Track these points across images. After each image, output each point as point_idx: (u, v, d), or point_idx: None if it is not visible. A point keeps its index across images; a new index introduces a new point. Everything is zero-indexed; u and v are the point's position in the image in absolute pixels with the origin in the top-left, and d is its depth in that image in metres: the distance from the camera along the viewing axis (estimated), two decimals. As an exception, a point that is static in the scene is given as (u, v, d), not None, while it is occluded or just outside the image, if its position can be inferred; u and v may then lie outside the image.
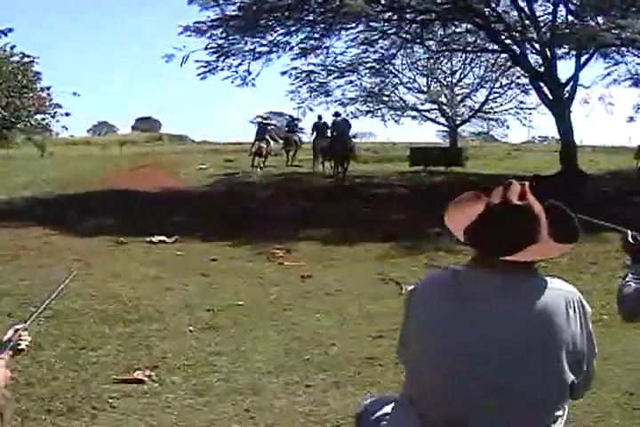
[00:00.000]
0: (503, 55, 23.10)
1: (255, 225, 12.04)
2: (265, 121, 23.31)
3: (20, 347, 2.33)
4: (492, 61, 27.80)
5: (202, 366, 5.13)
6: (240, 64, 18.46)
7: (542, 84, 17.94)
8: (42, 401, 4.42)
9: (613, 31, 14.56)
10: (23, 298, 6.87)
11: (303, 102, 22.15)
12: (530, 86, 24.18)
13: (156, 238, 10.63)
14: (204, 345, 5.64)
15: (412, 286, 2.42)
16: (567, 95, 18.08)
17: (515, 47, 18.23)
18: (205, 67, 18.17)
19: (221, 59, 18.09)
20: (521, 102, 32.05)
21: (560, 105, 17.69)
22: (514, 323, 2.03)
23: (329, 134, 20.45)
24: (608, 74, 21.35)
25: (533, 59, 18.89)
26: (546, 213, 2.13)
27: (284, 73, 20.57)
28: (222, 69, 18.50)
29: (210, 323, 6.31)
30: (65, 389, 4.65)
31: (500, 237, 2.07)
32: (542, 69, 17.99)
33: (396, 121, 31.72)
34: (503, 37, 18.22)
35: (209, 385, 4.74)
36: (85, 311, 6.55)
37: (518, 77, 27.98)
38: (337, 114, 20.60)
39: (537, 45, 17.74)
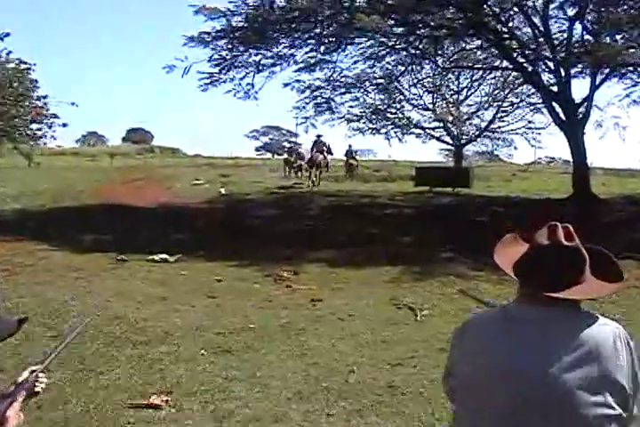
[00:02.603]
0: (514, 73, 23.31)
1: (259, 245, 12.11)
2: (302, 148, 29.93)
3: (36, 389, 2.23)
4: (502, 79, 28.02)
5: (219, 391, 5.17)
6: (244, 77, 18.66)
7: (555, 104, 18.10)
8: (55, 426, 4.45)
9: (632, 50, 14.74)
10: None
11: (307, 119, 22.25)
12: (541, 105, 24.42)
13: (157, 257, 10.70)
14: (219, 370, 5.69)
15: (458, 326, 2.52)
16: (581, 116, 18.22)
17: (527, 65, 18.42)
18: (208, 79, 18.38)
19: (224, 71, 18.27)
20: (529, 122, 32.30)
21: (573, 126, 17.84)
22: (563, 353, 2.13)
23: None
24: (627, 95, 21.40)
25: (546, 77, 19.10)
26: (588, 254, 2.26)
27: (286, 85, 20.74)
28: (225, 82, 18.71)
29: (222, 346, 6.36)
30: (78, 413, 4.69)
31: (550, 275, 2.22)
32: (556, 89, 18.15)
33: (399, 139, 31.79)
34: (515, 55, 18.42)
35: (228, 412, 4.78)
36: (91, 332, 6.55)
37: (529, 96, 28.24)
38: (319, 136, 25.44)
39: (551, 64, 17.92)
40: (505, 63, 20.77)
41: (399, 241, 13.14)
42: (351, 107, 27.28)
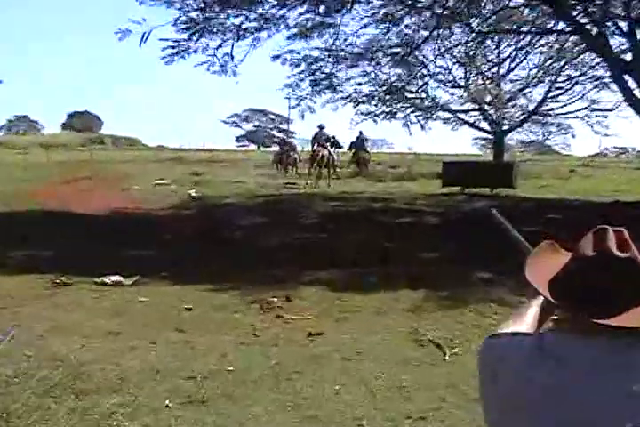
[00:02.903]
0: (573, 38, 23.24)
1: (241, 263, 12.13)
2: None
3: None
4: (557, 46, 27.81)
5: (188, 454, 5.18)
6: (220, 45, 18.65)
7: (628, 78, 18.01)
8: None
9: None
10: None
11: (302, 99, 22.24)
12: (608, 80, 24.33)
13: (109, 279, 10.74)
14: (189, 425, 5.68)
15: (485, 341, 2.46)
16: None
17: (591, 26, 18.31)
18: (173, 48, 18.36)
19: (195, 37, 18.25)
20: (593, 101, 32.18)
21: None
22: (619, 398, 2.10)
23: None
24: None
25: (617, 42, 18.99)
26: None
27: (275, 57, 20.79)
28: (195, 52, 18.69)
29: (193, 395, 6.34)
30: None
31: (598, 295, 2.16)
32: (629, 57, 18.05)
33: (422, 126, 31.63)
34: (575, 13, 18.30)
35: (200, 481, 4.78)
36: (20, 379, 6.56)
37: (592, 67, 28.07)
38: (321, 127, 27.96)
39: (623, 24, 17.79)
40: (561, 25, 20.73)
41: (421, 258, 13.15)
42: (359, 84, 27.43)
